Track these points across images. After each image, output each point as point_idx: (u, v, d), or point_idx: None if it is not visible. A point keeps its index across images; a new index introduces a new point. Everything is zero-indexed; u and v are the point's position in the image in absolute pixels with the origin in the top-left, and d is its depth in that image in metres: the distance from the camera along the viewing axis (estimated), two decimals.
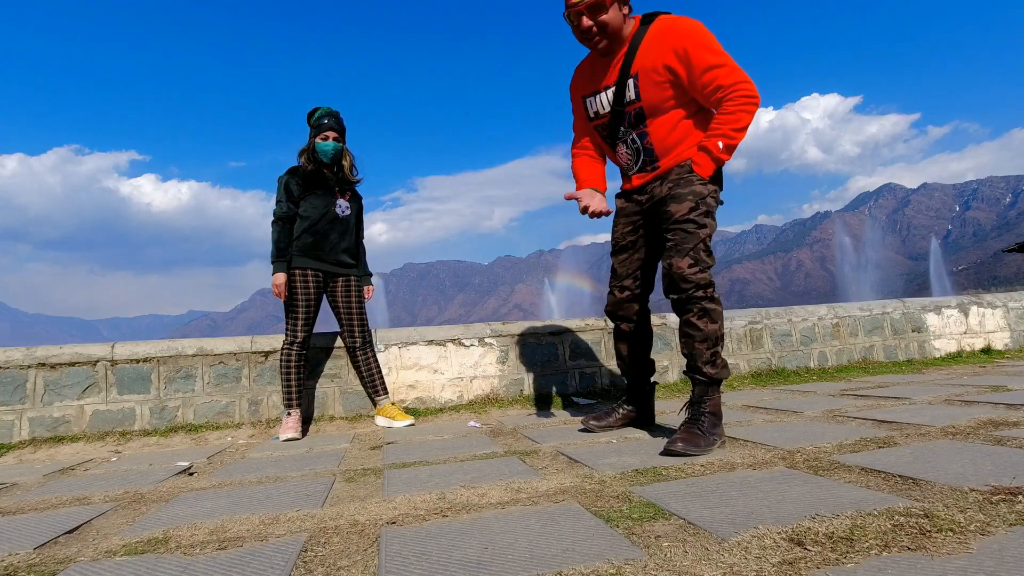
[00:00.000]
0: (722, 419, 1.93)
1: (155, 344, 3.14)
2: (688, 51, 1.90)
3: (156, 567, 1.10)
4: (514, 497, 1.43)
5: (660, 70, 1.95)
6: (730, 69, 1.90)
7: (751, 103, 1.89)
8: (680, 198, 1.95)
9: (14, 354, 2.93)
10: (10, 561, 1.19)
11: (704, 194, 1.94)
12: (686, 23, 1.96)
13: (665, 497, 1.32)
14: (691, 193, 1.94)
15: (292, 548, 1.15)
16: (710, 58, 1.90)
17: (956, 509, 1.10)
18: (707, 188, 1.95)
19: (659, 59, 1.95)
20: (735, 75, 1.89)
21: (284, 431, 2.75)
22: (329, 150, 2.92)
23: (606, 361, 3.62)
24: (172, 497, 1.69)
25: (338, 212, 2.97)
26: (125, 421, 2.96)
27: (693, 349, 1.96)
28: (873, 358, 4.29)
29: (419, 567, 1.00)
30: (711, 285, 1.94)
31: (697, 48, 1.90)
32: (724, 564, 0.92)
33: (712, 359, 1.95)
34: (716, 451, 1.80)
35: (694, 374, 1.98)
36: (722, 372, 1.97)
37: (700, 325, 1.94)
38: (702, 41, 1.91)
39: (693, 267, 1.91)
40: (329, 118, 2.94)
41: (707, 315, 1.93)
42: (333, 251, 2.95)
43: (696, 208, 1.93)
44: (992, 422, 1.93)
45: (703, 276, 1.92)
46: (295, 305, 2.85)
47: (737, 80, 1.88)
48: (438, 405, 3.31)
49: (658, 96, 1.99)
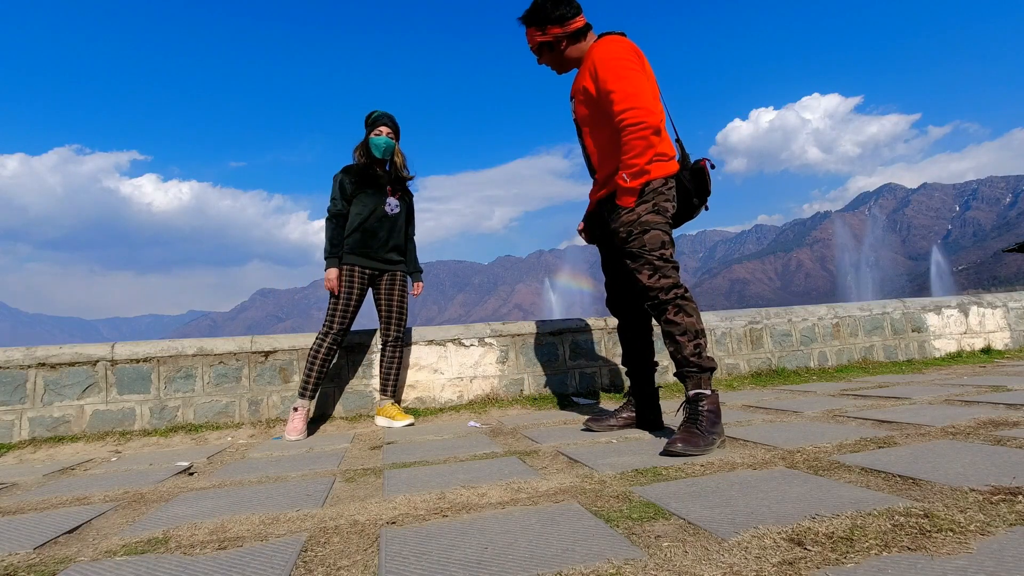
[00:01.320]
0: (721, 418, 1.93)
1: (155, 344, 3.14)
2: (597, 72, 2.05)
3: (156, 567, 1.10)
4: (514, 497, 1.42)
5: (581, 90, 2.16)
6: (623, 95, 1.97)
7: (640, 130, 1.95)
8: (616, 232, 2.11)
9: (14, 354, 2.93)
10: (10, 561, 1.19)
11: (632, 220, 2.06)
12: (606, 45, 2.07)
13: (665, 497, 1.32)
14: (621, 225, 2.09)
15: (292, 548, 1.15)
16: (609, 83, 2.00)
17: (956, 509, 1.10)
18: (634, 213, 2.06)
19: (582, 80, 2.15)
20: (625, 101, 1.96)
21: (290, 431, 2.72)
22: (382, 144, 3.02)
23: (606, 361, 3.61)
24: (172, 497, 1.69)
25: (387, 210, 3.03)
26: (125, 421, 2.97)
27: (676, 344, 2.02)
28: (873, 358, 4.29)
29: (419, 567, 1.00)
30: (678, 286, 2.05)
31: (603, 70, 2.03)
32: (724, 564, 0.92)
33: (696, 351, 2.00)
34: (716, 451, 1.80)
35: (684, 367, 2.01)
36: (709, 362, 2.01)
37: (677, 320, 2.02)
38: (609, 64, 2.02)
39: (652, 277, 2.04)
40: (385, 118, 3.08)
41: (681, 310, 2.02)
42: (381, 248, 3.01)
43: (628, 237, 2.07)
44: (992, 422, 1.93)
45: (665, 281, 2.03)
46: (336, 298, 2.89)
47: (626, 107, 1.96)
48: (438, 405, 3.31)
49: (583, 112, 2.21)
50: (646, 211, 2.06)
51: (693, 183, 2.17)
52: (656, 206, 2.07)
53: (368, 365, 3.27)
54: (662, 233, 2.06)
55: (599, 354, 3.61)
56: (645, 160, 1.99)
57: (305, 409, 2.80)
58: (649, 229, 2.05)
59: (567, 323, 3.64)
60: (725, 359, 3.93)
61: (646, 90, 2.00)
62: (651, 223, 2.05)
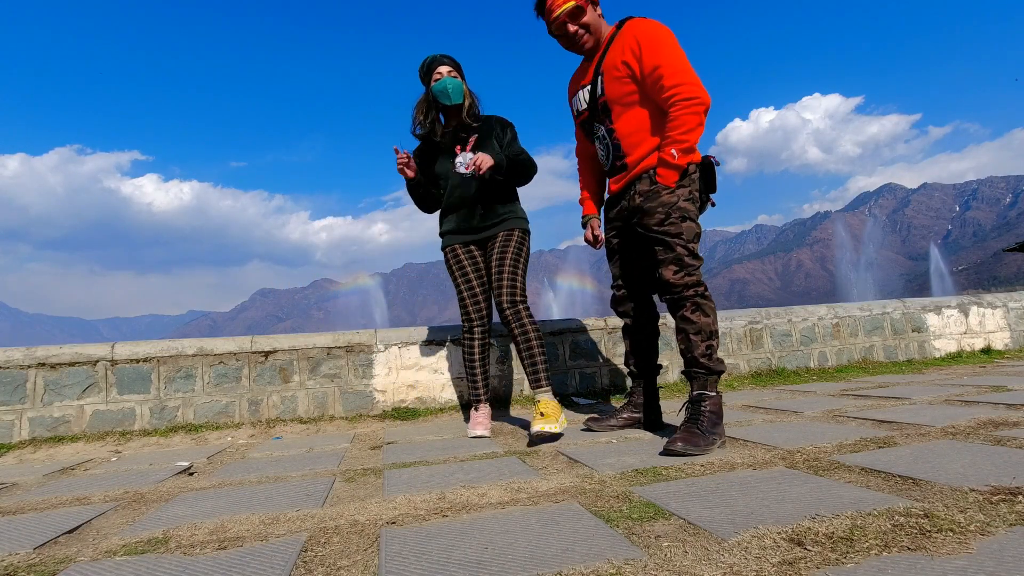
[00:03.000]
0: (722, 419, 1.93)
1: (155, 344, 3.14)
2: (642, 48, 1.98)
3: (156, 567, 1.10)
4: (514, 497, 1.42)
5: (619, 65, 2.05)
6: (673, 70, 1.92)
7: (693, 104, 1.91)
8: (651, 212, 2.02)
9: (14, 354, 2.93)
10: (10, 561, 1.19)
11: (672, 202, 1.99)
12: (647, 23, 2.04)
13: (665, 497, 1.32)
14: (659, 205, 2.00)
15: (292, 548, 1.15)
16: (658, 57, 1.94)
17: (956, 509, 1.10)
18: (675, 195, 1.99)
19: (619, 55, 2.05)
20: (677, 76, 1.92)
21: (472, 427, 2.47)
22: (448, 88, 2.42)
23: (606, 361, 3.61)
24: (172, 497, 1.69)
25: (460, 170, 2.48)
26: (125, 421, 2.96)
27: (689, 342, 2.00)
28: (873, 358, 4.29)
29: (419, 567, 1.00)
30: (700, 284, 2.01)
31: (649, 46, 1.96)
32: (724, 564, 0.92)
33: (708, 352, 1.98)
34: (716, 451, 1.80)
35: (691, 367, 2.00)
36: (718, 365, 1.99)
37: (693, 319, 1.99)
38: (655, 40, 1.97)
39: (678, 273, 1.99)
40: (440, 57, 2.50)
41: (699, 309, 1.99)
42: (468, 217, 2.50)
43: (667, 218, 1.99)
44: (992, 422, 1.93)
45: (690, 279, 1.99)
46: (455, 288, 2.54)
47: (679, 82, 1.91)
48: (438, 405, 3.31)
49: (618, 91, 2.08)
50: (684, 196, 2.00)
51: (703, 179, 2.12)
52: (691, 194, 2.02)
53: (367, 365, 3.27)
54: (695, 224, 2.02)
55: (599, 354, 3.61)
56: (696, 138, 1.94)
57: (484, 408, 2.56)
58: (687, 217, 2.00)
59: (567, 323, 3.64)
60: (725, 359, 3.92)
61: (693, 69, 1.95)
62: (688, 211, 2.00)
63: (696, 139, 1.95)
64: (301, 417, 3.12)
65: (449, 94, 2.43)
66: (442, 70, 2.45)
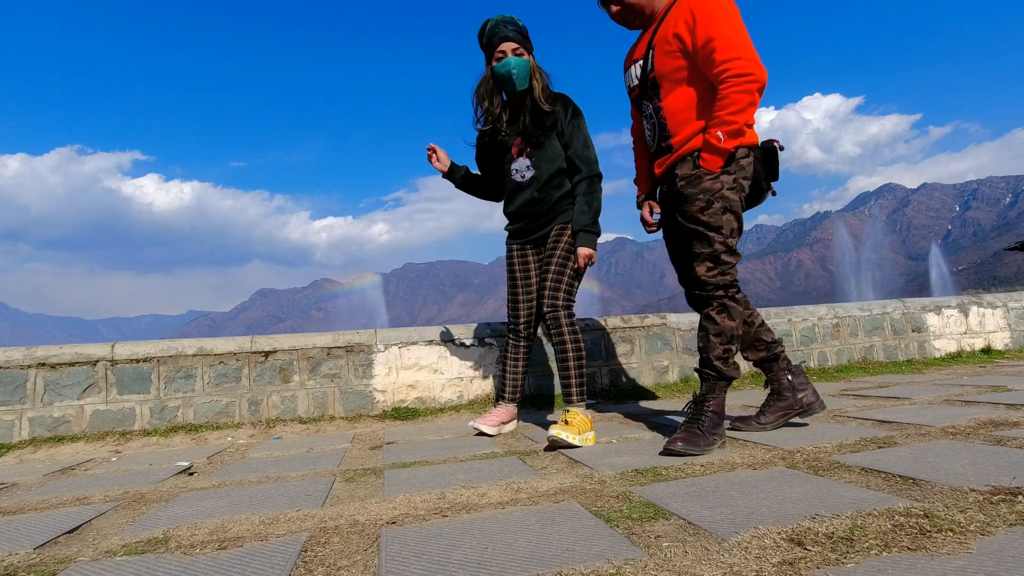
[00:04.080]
0: (724, 420, 1.92)
1: (155, 344, 3.14)
2: (696, 19, 1.80)
3: (156, 567, 1.10)
4: (514, 497, 1.42)
5: (671, 39, 1.88)
6: (727, 43, 1.75)
7: (746, 82, 1.74)
8: (691, 198, 1.88)
9: (14, 354, 2.93)
10: (10, 561, 1.19)
11: (715, 190, 1.84)
12: None
13: (665, 497, 1.32)
14: (701, 192, 1.86)
15: (292, 548, 1.15)
16: (712, 29, 1.77)
17: (956, 509, 1.10)
18: (719, 182, 1.85)
19: (672, 28, 1.88)
20: (732, 50, 1.75)
21: (477, 420, 2.44)
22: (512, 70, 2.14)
23: (606, 361, 3.61)
24: (172, 497, 1.69)
25: (516, 178, 2.33)
26: (125, 421, 2.96)
27: (707, 343, 1.93)
28: (873, 358, 4.29)
29: (419, 567, 1.00)
30: (732, 285, 1.91)
31: (704, 17, 1.79)
32: (724, 564, 0.92)
33: (724, 356, 1.91)
34: (716, 451, 1.80)
35: (704, 368, 1.95)
36: (732, 371, 1.93)
37: (717, 320, 1.90)
38: (711, 10, 1.79)
39: (711, 271, 1.89)
40: (502, 28, 2.17)
41: (725, 311, 1.90)
42: (526, 219, 2.37)
43: (707, 207, 1.85)
44: (992, 422, 1.93)
45: (723, 278, 1.89)
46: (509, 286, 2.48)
47: (732, 56, 1.75)
48: (438, 405, 3.31)
49: (668, 65, 1.91)
50: (728, 184, 1.85)
51: (764, 164, 1.96)
52: (736, 182, 1.87)
53: (367, 365, 3.27)
54: (735, 218, 1.87)
55: (599, 355, 3.61)
56: (745, 119, 1.78)
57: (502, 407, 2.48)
58: (728, 209, 1.85)
59: None
60: (737, 362, 3.93)
61: (752, 44, 1.78)
62: (731, 202, 1.86)
63: (746, 121, 1.79)
64: (301, 417, 3.12)
65: (514, 80, 2.17)
66: (505, 48, 2.16)
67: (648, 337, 3.70)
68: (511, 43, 2.17)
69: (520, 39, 2.21)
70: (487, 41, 2.23)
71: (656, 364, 3.68)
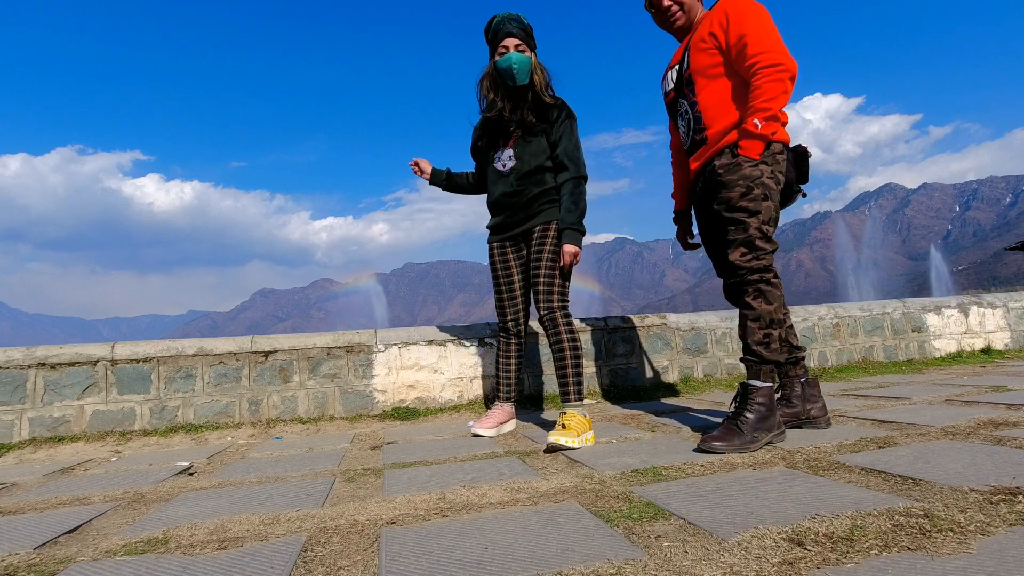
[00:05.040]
0: (774, 414, 1.83)
1: (155, 344, 3.14)
2: (729, 19, 1.90)
3: (156, 567, 1.10)
4: (514, 497, 1.42)
5: (706, 37, 1.97)
6: (758, 37, 1.85)
7: (776, 71, 1.82)
8: (731, 184, 1.90)
9: (14, 354, 2.93)
10: (10, 561, 1.19)
11: (755, 176, 1.87)
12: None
13: (665, 497, 1.32)
14: (741, 178, 1.88)
15: (292, 548, 1.15)
16: (744, 27, 1.87)
17: (956, 509, 1.10)
18: (759, 170, 1.88)
19: (707, 28, 1.97)
20: (762, 44, 1.84)
21: (475, 423, 2.47)
22: (514, 65, 2.18)
23: (606, 361, 3.61)
24: (172, 497, 1.69)
25: (498, 167, 2.35)
26: (125, 421, 2.96)
27: (746, 329, 1.92)
28: (873, 358, 4.29)
29: (419, 567, 1.00)
30: (767, 270, 1.90)
31: (737, 16, 1.89)
32: (724, 564, 0.92)
33: (765, 340, 1.88)
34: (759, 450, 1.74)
35: (745, 355, 1.92)
36: (774, 355, 1.88)
37: (754, 305, 1.90)
38: (743, 11, 1.90)
39: (746, 255, 1.89)
40: (506, 23, 2.23)
41: (762, 296, 1.89)
42: (506, 213, 2.36)
43: (747, 192, 1.88)
44: (992, 422, 1.93)
45: (758, 263, 1.89)
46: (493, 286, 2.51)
47: (762, 49, 1.83)
48: (438, 405, 3.31)
49: (703, 62, 1.99)
50: (768, 174, 1.88)
51: (795, 166, 2.01)
52: (774, 174, 1.90)
53: (367, 365, 3.27)
54: (774, 207, 1.90)
55: (599, 354, 3.61)
56: (779, 105, 1.83)
57: (499, 407, 2.49)
58: (768, 196, 1.88)
59: None
60: (725, 359, 3.92)
61: (782, 40, 1.87)
62: (770, 190, 1.89)
63: (779, 107, 1.84)
64: (301, 417, 3.12)
65: (515, 74, 2.20)
66: (508, 43, 2.21)
67: (648, 337, 3.70)
68: (514, 39, 2.23)
69: (523, 36, 2.26)
70: (492, 36, 2.29)
71: (656, 364, 3.68)
